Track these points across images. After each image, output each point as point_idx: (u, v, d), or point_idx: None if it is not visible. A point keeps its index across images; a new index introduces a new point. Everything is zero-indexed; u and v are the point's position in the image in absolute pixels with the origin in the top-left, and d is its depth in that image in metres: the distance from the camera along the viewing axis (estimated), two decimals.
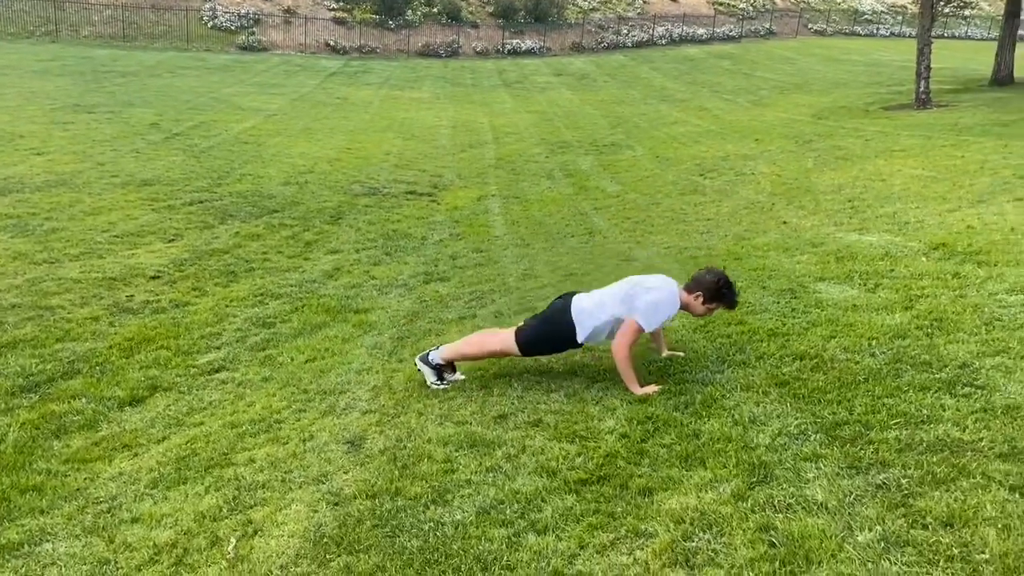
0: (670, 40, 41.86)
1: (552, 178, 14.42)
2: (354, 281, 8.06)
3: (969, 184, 9.09)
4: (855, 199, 9.29)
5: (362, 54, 35.56)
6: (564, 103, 25.43)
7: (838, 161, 12.41)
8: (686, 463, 3.42)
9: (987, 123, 14.29)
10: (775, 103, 22.72)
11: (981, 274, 5.48)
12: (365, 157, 15.55)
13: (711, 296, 4.31)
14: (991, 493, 2.79)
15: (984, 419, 3.33)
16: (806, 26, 46.68)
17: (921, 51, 18.44)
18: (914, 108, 18.03)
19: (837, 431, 3.44)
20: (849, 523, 2.76)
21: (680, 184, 12.68)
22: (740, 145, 15.72)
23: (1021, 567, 2.37)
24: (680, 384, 4.29)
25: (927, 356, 4.11)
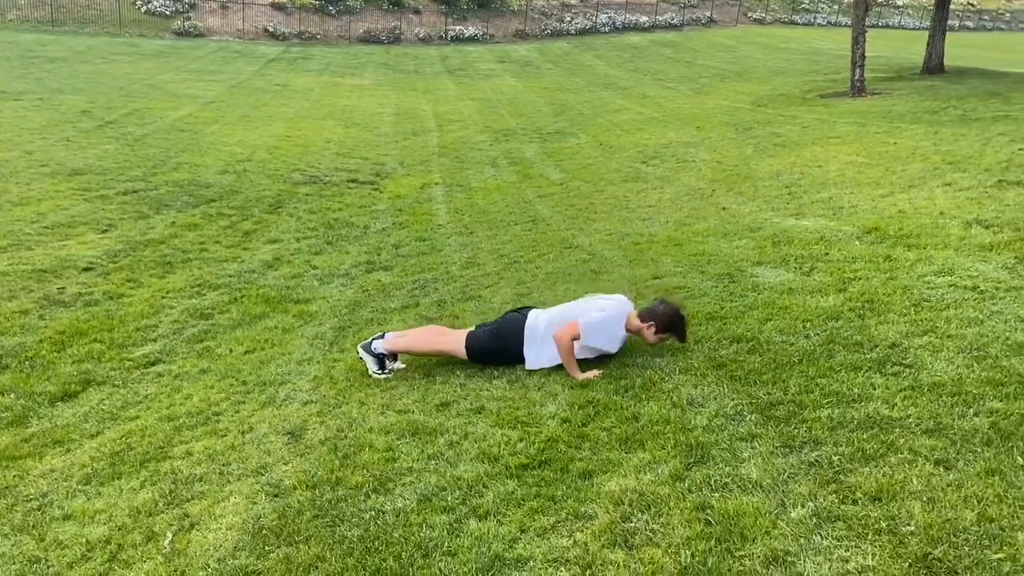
0: (613, 28, 42.04)
1: (496, 166, 14.39)
2: (295, 271, 7.95)
3: (901, 170, 9.33)
4: (792, 185, 9.47)
5: (302, 40, 34.95)
6: (508, 90, 25.37)
7: (776, 148, 12.63)
8: (626, 446, 3.46)
9: (918, 110, 14.69)
10: (716, 91, 23.00)
11: (911, 257, 5.64)
12: (305, 145, 15.31)
13: (663, 327, 4.37)
14: (917, 468, 2.88)
15: (912, 396, 3.44)
16: (746, 14, 47.32)
17: (856, 40, 18.84)
18: (850, 96, 18.43)
19: (772, 411, 3.51)
20: (783, 500, 2.82)
21: (623, 171, 12.76)
22: (682, 132, 15.89)
23: (944, 537, 2.45)
24: (621, 368, 4.33)
25: (859, 337, 4.22)
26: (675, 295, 5.47)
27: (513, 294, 6.31)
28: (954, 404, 3.30)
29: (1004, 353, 3.72)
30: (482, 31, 38.96)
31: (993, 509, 2.55)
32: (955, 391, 3.41)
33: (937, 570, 2.32)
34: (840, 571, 2.39)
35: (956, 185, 7.97)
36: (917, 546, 2.44)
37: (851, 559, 2.44)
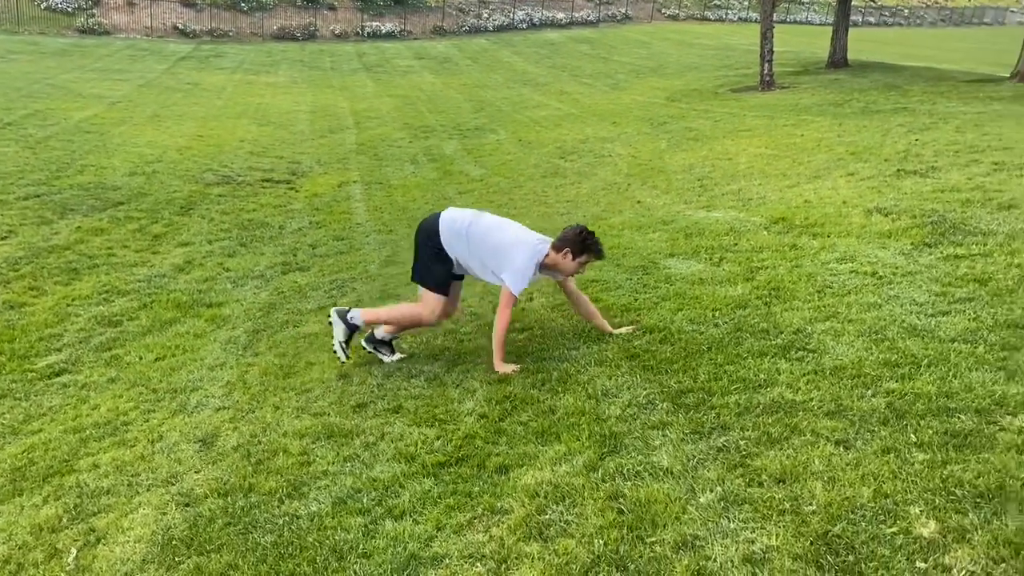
0: (531, 24, 42.23)
1: (416, 163, 14.31)
2: (207, 274, 7.75)
3: (807, 161, 9.65)
4: (704, 178, 9.70)
5: (214, 38, 34.04)
6: (427, 87, 25.24)
7: (689, 142, 12.91)
8: (542, 438, 3.49)
9: (824, 103, 15.21)
10: (632, 87, 23.35)
11: (815, 245, 5.84)
12: (218, 145, 14.92)
13: (579, 249, 4.32)
14: (819, 449, 2.98)
15: (814, 380, 3.56)
16: (660, 11, 48.16)
17: (764, 35, 19.39)
18: (759, 90, 18.96)
19: (682, 399, 3.59)
20: (692, 486, 2.89)
21: (542, 167, 12.86)
22: (599, 128, 16.08)
23: (843, 514, 2.55)
24: (538, 362, 4.36)
25: (765, 324, 4.35)
26: (589, 287, 5.54)
27: None
28: (854, 386, 3.44)
29: (900, 336, 3.89)
30: (400, 27, 38.66)
31: (888, 485, 2.66)
32: (855, 373, 3.55)
33: (836, 546, 2.41)
34: (746, 552, 2.46)
35: (858, 175, 8.28)
36: (818, 524, 2.53)
37: (756, 540, 2.51)
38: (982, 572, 2.20)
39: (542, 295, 5.61)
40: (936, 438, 2.90)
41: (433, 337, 5.10)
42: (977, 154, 8.36)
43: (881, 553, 2.34)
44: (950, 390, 3.24)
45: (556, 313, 5.17)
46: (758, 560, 2.41)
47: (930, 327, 3.95)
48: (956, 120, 11.07)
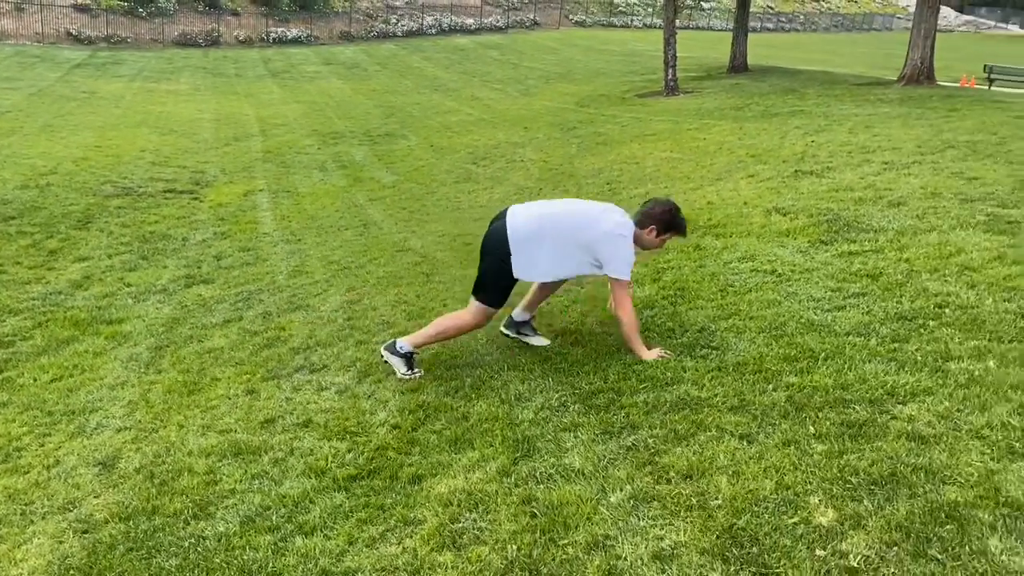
0: (440, 30, 42.19)
1: (325, 170, 14.09)
2: (106, 290, 7.44)
3: (710, 164, 9.92)
4: (612, 181, 9.86)
5: (111, 44, 32.78)
6: (335, 93, 24.91)
7: (598, 146, 13.11)
8: (455, 446, 3.48)
9: (725, 107, 15.67)
10: (542, 92, 23.57)
11: (718, 245, 6.00)
12: (117, 155, 14.37)
13: (665, 227, 4.11)
14: (724, 444, 3.06)
15: (718, 377, 3.66)
16: (568, 17, 48.81)
17: (667, 41, 19.86)
18: (664, 95, 19.40)
19: (593, 399, 3.63)
20: (603, 486, 2.92)
21: (455, 172, 12.84)
22: (510, 133, 16.17)
23: (747, 507, 2.62)
24: (451, 369, 4.35)
25: (671, 323, 4.44)
26: None
27: (343, 301, 6.20)
28: (756, 381, 3.54)
29: (798, 331, 4.03)
30: (306, 33, 38.03)
31: (789, 477, 2.75)
32: (756, 369, 3.66)
33: (741, 539, 2.48)
34: (655, 549, 2.51)
35: (758, 176, 8.56)
36: (724, 518, 2.59)
37: (665, 537, 2.56)
38: (876, 556, 2.29)
39: (455, 302, 5.59)
40: (833, 429, 3.01)
41: (344, 348, 5.03)
42: (868, 154, 8.75)
43: (783, 543, 2.42)
44: (846, 382, 3.37)
45: None
46: (667, 556, 2.46)
47: (826, 322, 4.11)
48: (849, 122, 11.56)
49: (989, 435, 2.81)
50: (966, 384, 3.19)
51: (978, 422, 2.90)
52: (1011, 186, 6.39)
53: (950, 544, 2.28)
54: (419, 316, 5.39)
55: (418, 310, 5.54)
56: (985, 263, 4.62)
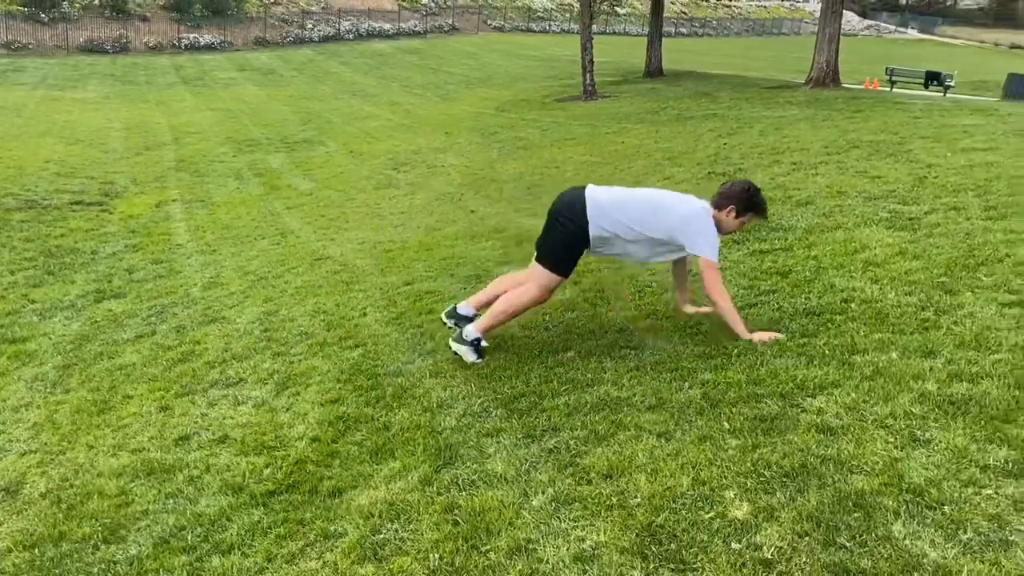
0: (357, 35, 41.78)
1: (241, 178, 13.79)
2: (9, 307, 7.11)
3: (628, 167, 10.09)
4: (534, 186, 9.93)
5: (11, 51, 31.37)
6: (250, 99, 24.41)
7: (519, 151, 13.18)
8: (377, 457, 3.44)
9: (642, 111, 15.96)
10: (462, 97, 23.59)
11: None
12: (19, 167, 13.76)
13: (744, 207, 3.96)
14: (643, 442, 3.10)
15: (637, 376, 3.71)
16: (486, 22, 48.96)
17: (584, 47, 20.13)
18: (583, 99, 19.65)
19: (515, 404, 3.64)
20: (525, 490, 2.93)
21: (374, 179, 12.73)
22: (431, 138, 16.12)
23: (665, 504, 2.66)
24: (372, 379, 4.30)
25: (592, 325, 4.49)
26: (424, 299, 5.53)
27: (260, 312, 6.07)
28: (672, 379, 3.60)
29: (712, 328, 4.12)
30: (219, 39, 37.15)
31: (705, 472, 2.81)
32: (673, 367, 3.72)
33: (659, 536, 2.51)
34: (577, 551, 2.52)
35: (674, 178, 8.74)
36: (643, 516, 2.62)
37: (587, 538, 2.58)
38: (788, 547, 2.35)
39: (375, 310, 5.54)
40: (747, 424, 3.08)
41: (261, 361, 4.92)
42: (778, 155, 9.02)
43: (700, 539, 2.46)
44: (758, 377, 3.46)
45: (390, 327, 5.11)
46: (587, 557, 2.48)
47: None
48: (760, 124, 11.91)
49: (893, 424, 2.92)
50: (871, 376, 3.31)
51: (882, 412, 3.01)
52: (911, 184, 6.67)
53: (857, 532, 2.36)
54: (338, 326, 5.32)
55: (338, 320, 5.46)
56: (888, 258, 4.81)
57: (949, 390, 3.08)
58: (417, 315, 5.20)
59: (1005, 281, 4.16)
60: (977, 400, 2.98)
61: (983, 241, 4.89)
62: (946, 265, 4.54)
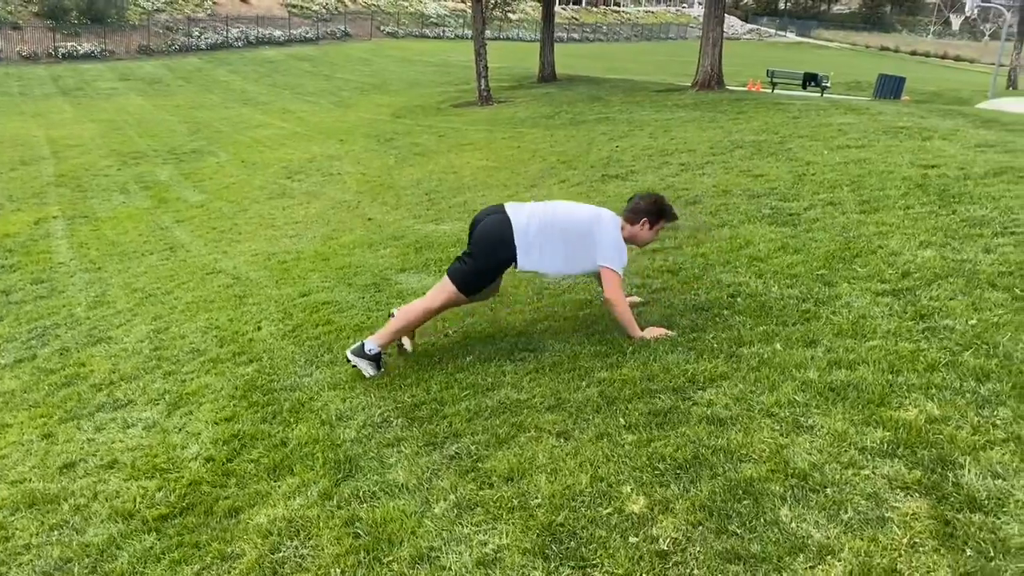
0: (247, 42, 40.78)
1: (126, 192, 13.25)
2: None
3: (524, 171, 10.18)
4: (432, 192, 9.90)
5: None
6: (135, 110, 23.48)
7: (416, 157, 13.12)
8: (274, 474, 3.36)
9: (537, 116, 16.15)
10: (357, 104, 23.32)
11: None
12: None
13: (656, 216, 4.12)
14: (543, 443, 3.14)
15: (536, 378, 3.75)
16: (379, 28, 48.58)
17: (478, 52, 20.22)
18: (479, 105, 19.73)
19: (416, 412, 3.62)
20: (427, 497, 2.92)
21: (268, 188, 12.44)
22: (326, 146, 15.87)
23: (565, 503, 2.70)
24: (268, 394, 4.20)
25: (491, 329, 4.52)
26: (321, 310, 5.45)
27: (149, 330, 5.85)
28: (571, 379, 3.66)
29: (608, 328, 4.20)
30: (99, 47, 35.60)
31: (603, 469, 2.86)
32: (571, 367, 3.78)
33: (560, 535, 2.55)
34: (479, 556, 2.53)
35: (569, 181, 8.88)
36: (544, 516, 2.66)
37: (489, 542, 2.59)
38: (683, 537, 2.43)
39: (270, 323, 5.42)
40: (642, 419, 3.16)
41: (151, 381, 4.74)
42: (667, 156, 9.29)
43: (599, 535, 2.51)
44: (651, 373, 3.55)
45: (286, 340, 5.01)
46: (490, 561, 2.49)
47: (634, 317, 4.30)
48: (650, 127, 12.23)
49: (778, 412, 3.05)
50: (757, 367, 3.45)
51: (768, 401, 3.14)
52: (791, 181, 6.98)
53: (747, 518, 2.46)
54: (231, 341, 5.17)
55: (231, 335, 5.31)
56: (770, 253, 5.02)
57: (829, 377, 3.24)
58: (314, 327, 5.11)
59: (878, 271, 4.40)
60: (855, 386, 3.14)
61: (858, 234, 5.17)
62: (824, 258, 4.78)
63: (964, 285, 4.01)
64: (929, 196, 5.82)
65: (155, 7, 41.10)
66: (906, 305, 3.87)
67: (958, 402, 2.91)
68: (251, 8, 44.76)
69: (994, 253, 4.41)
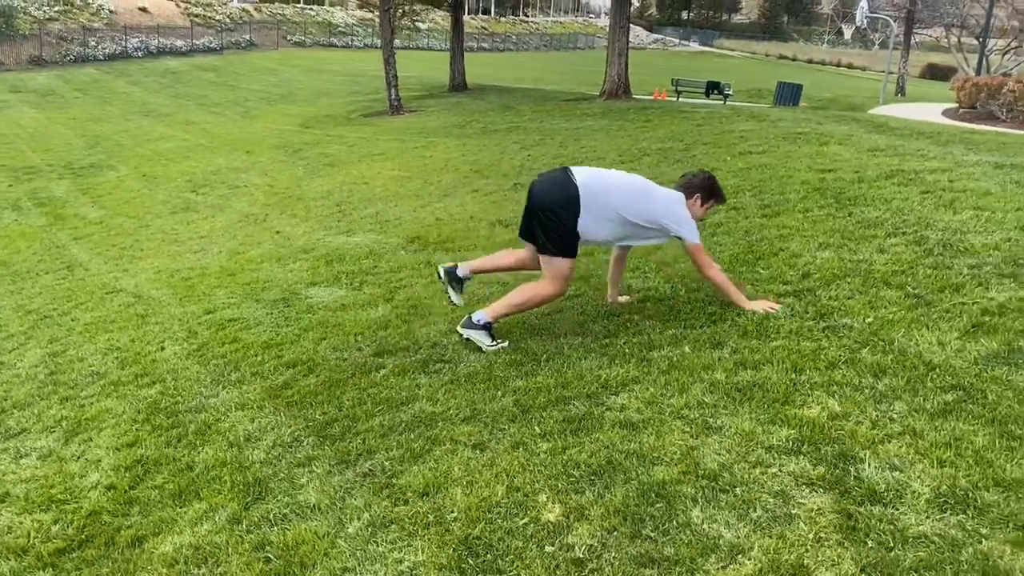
0: (147, 52, 39.45)
1: (19, 209, 12.62)
2: None
3: (437, 181, 10.14)
4: (342, 203, 9.76)
5: None
6: (28, 123, 22.42)
7: (326, 168, 12.92)
8: (180, 500, 3.23)
9: (449, 125, 16.13)
10: (263, 114, 22.83)
11: (447, 260, 6.10)
12: None
13: (708, 193, 4.17)
14: (458, 455, 3.11)
15: (451, 389, 3.72)
16: (286, 38, 47.72)
17: (387, 62, 20.08)
18: (389, 114, 19.59)
19: (327, 430, 3.54)
20: (340, 517, 2.85)
21: (171, 203, 12.05)
22: (232, 158, 15.48)
23: (481, 516, 2.68)
24: (172, 416, 4.05)
25: (406, 341, 4.46)
26: (228, 327, 5.29)
27: (44, 354, 5.56)
28: (486, 389, 3.65)
29: (523, 336, 4.21)
30: None
31: (519, 479, 2.85)
32: (486, 377, 3.77)
33: (476, 548, 2.53)
34: (395, 573, 2.48)
35: (482, 190, 8.89)
36: (460, 530, 2.63)
37: (404, 559, 2.55)
38: (599, 544, 2.44)
39: (174, 343, 5.23)
40: (556, 426, 3.17)
41: (47, 407, 4.51)
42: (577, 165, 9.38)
43: (515, 546, 2.49)
44: (565, 380, 3.57)
45: (190, 360, 4.84)
46: None
47: (547, 325, 4.33)
48: (560, 135, 12.36)
49: (688, 414, 3.10)
50: (667, 370, 3.51)
51: (678, 403, 3.20)
52: None
53: (660, 521, 2.48)
54: (133, 363, 4.97)
55: (133, 356, 5.10)
56: (677, 258, 5.11)
57: (736, 378, 3.32)
58: (220, 345, 4.96)
59: (780, 273, 4.54)
60: (760, 385, 3.23)
61: (760, 237, 5.33)
62: (729, 261, 4.90)
63: (861, 284, 4.17)
64: (827, 199, 6.05)
65: (47, 16, 39.33)
66: (807, 305, 4.01)
67: (857, 398, 3.02)
68: (151, 17, 43.35)
69: (887, 253, 4.61)
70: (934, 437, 2.69)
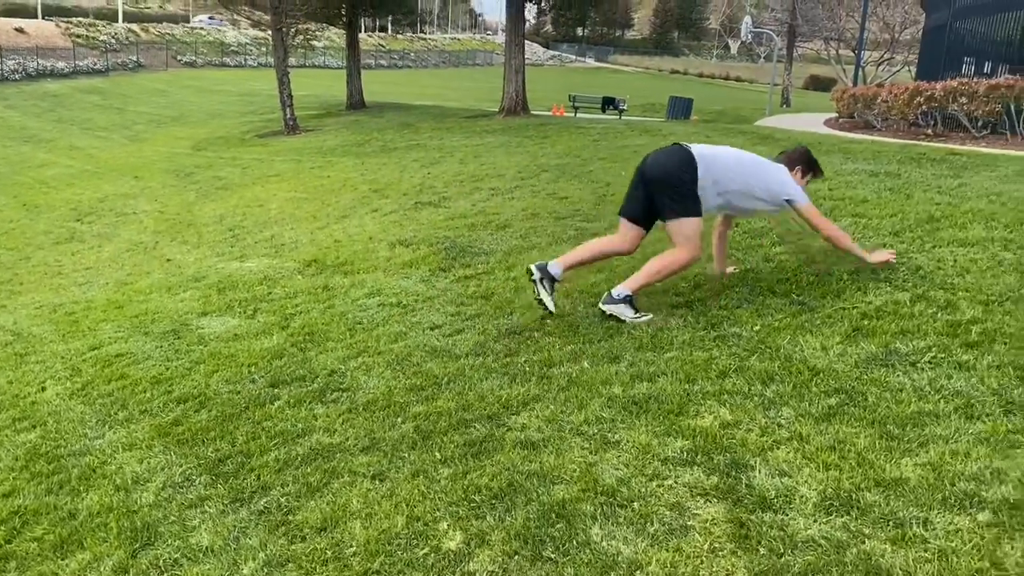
0: (26, 75, 37.64)
1: None
2: None
3: (335, 201, 9.99)
4: (236, 227, 9.50)
5: None
6: None
7: (219, 191, 12.57)
8: (62, 551, 3.05)
9: (347, 144, 15.94)
10: (153, 137, 22.07)
11: (346, 283, 6.03)
12: None
13: (808, 166, 4.35)
14: (357, 487, 3.04)
15: (350, 419, 3.64)
16: (175, 58, 46.37)
17: (281, 81, 19.73)
18: (285, 134, 19.23)
19: (220, 467, 3.41)
20: (235, 559, 2.74)
21: (54, 233, 11.49)
22: (119, 184, 14.89)
23: (381, 549, 2.62)
24: (52, 462, 3.82)
25: (302, 371, 4.35)
26: (114, 363, 5.05)
27: None
28: (385, 416, 3.58)
29: (423, 360, 4.17)
30: None
31: (419, 508, 2.81)
32: (386, 404, 3.70)
33: None
34: None
35: (382, 210, 8.80)
36: (359, 565, 2.56)
37: None
38: (500, 570, 2.41)
39: (56, 383, 4.96)
40: (457, 451, 3.14)
41: None
42: (478, 182, 9.42)
43: None
44: (467, 403, 3.54)
45: (74, 400, 4.59)
46: None
47: (447, 347, 4.30)
48: (460, 153, 12.38)
49: (587, 430, 3.12)
50: (567, 386, 3.53)
51: (578, 420, 3.21)
52: (593, 202, 7.28)
53: (561, 542, 2.48)
54: (11, 406, 4.68)
55: (10, 399, 4.81)
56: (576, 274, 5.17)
57: (632, 391, 3.36)
58: (106, 382, 4.72)
59: (673, 284, 4.64)
60: (655, 397, 3.28)
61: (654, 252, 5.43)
62: (624, 275, 4.96)
63: (748, 293, 4.31)
64: None
65: None
66: (699, 315, 4.11)
67: (747, 406, 3.11)
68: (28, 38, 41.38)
69: (772, 262, 4.78)
70: (819, 441, 2.79)
